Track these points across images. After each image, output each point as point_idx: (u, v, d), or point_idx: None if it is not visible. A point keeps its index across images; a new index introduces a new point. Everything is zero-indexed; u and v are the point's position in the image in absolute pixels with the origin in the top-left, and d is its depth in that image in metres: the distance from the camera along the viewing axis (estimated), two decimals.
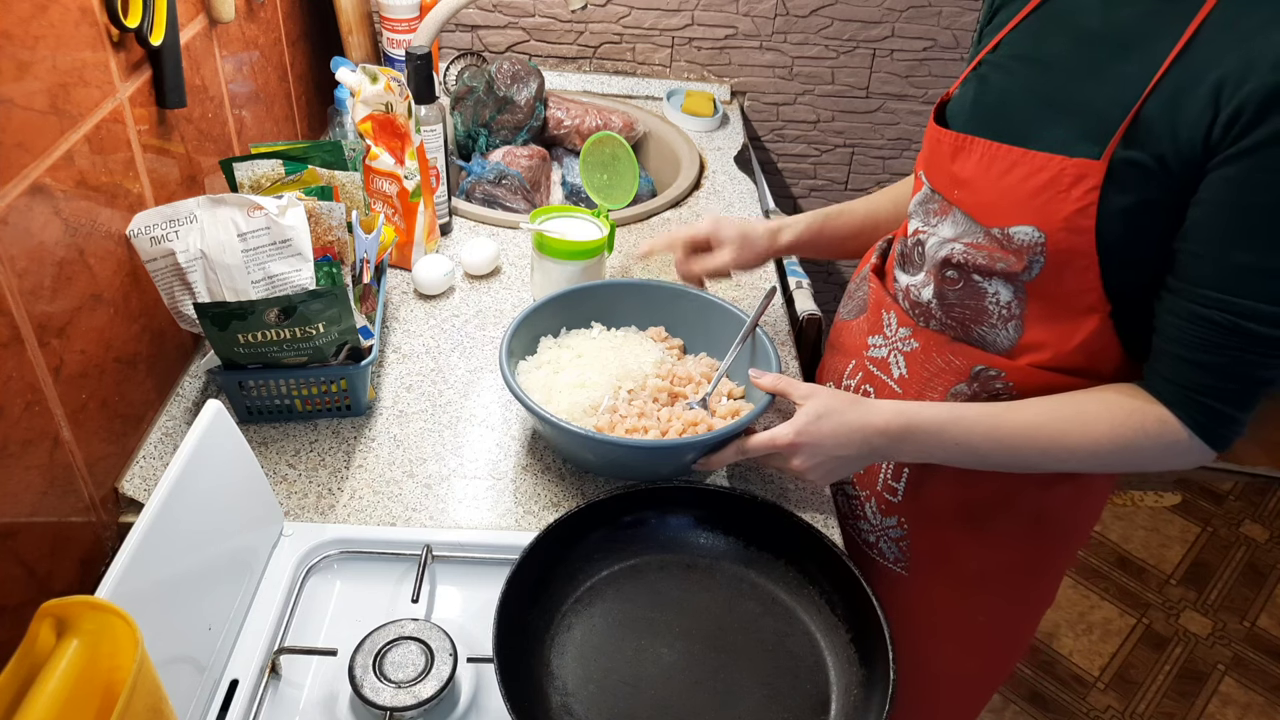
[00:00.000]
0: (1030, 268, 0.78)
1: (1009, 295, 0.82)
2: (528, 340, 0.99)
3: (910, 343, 0.91)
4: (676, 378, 0.97)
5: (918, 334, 0.90)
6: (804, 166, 1.87)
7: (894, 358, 0.93)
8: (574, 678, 0.75)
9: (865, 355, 0.97)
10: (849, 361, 1.00)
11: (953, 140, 0.83)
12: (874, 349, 0.96)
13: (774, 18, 1.67)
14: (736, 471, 0.96)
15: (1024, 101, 0.80)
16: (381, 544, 0.85)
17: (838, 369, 1.02)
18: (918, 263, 0.90)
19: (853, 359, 0.99)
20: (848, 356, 1.00)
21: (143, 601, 0.63)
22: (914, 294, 0.91)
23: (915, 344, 0.90)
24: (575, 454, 0.93)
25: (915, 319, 0.91)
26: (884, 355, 0.94)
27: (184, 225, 0.87)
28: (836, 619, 0.79)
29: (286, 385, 0.94)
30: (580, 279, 1.10)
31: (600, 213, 1.15)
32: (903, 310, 0.92)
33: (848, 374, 1.00)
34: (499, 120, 1.49)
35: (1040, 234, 0.76)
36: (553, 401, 0.92)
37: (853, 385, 0.99)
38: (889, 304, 0.94)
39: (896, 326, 0.93)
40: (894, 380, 0.93)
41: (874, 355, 0.96)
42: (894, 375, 0.93)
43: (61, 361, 0.77)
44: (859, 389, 0.98)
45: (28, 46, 0.71)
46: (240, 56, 1.13)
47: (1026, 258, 0.78)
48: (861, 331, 0.98)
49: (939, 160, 0.86)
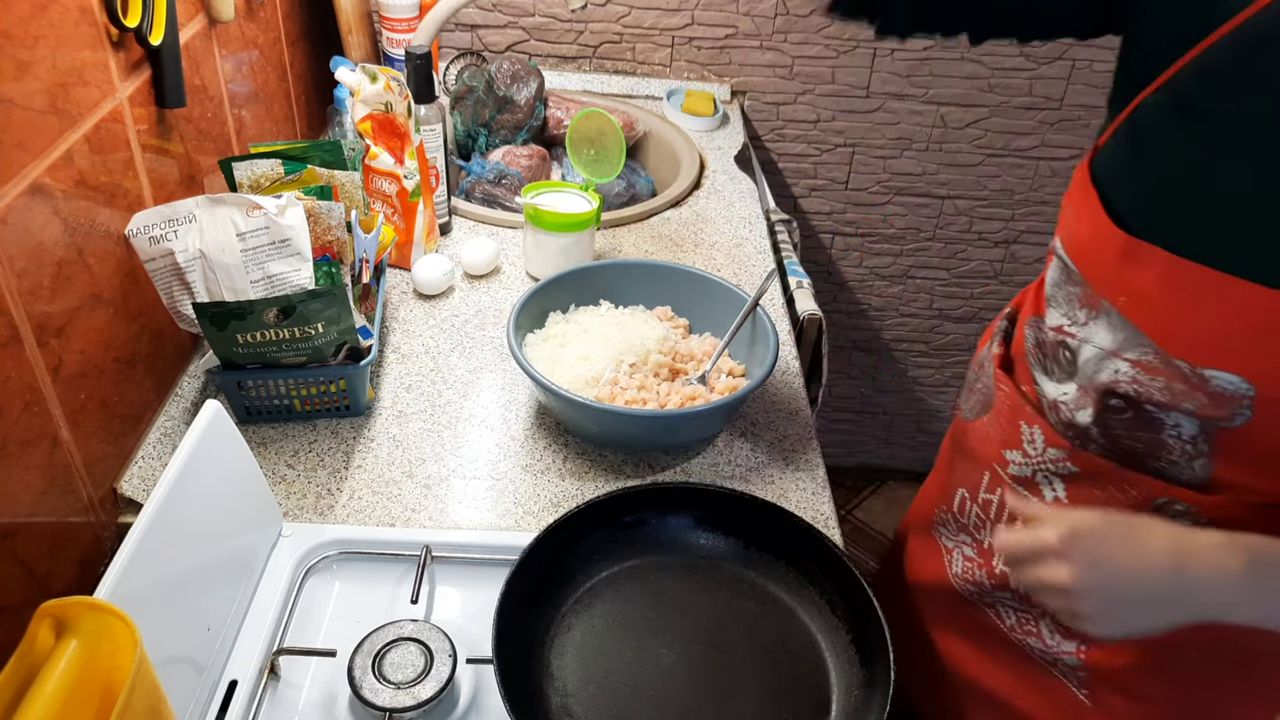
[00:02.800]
0: (1232, 417, 0.61)
1: (1194, 430, 0.64)
2: (536, 315, 1.02)
3: (1066, 466, 0.72)
4: (679, 354, 1.01)
5: (1076, 458, 0.71)
6: (804, 166, 1.87)
7: (1045, 480, 0.75)
8: (574, 678, 0.75)
9: (1004, 471, 0.79)
10: (983, 473, 0.82)
11: (1121, 242, 0.62)
12: (1014, 465, 0.78)
13: (774, 17, 1.67)
14: (737, 472, 0.96)
15: (1226, 192, 0.57)
16: (381, 544, 0.85)
17: (971, 478, 0.84)
18: (1066, 369, 0.71)
19: (987, 471, 0.82)
20: (980, 466, 0.83)
21: (142, 602, 0.63)
22: (1065, 411, 0.72)
23: (1074, 468, 0.72)
24: (578, 424, 0.96)
25: (1070, 440, 0.72)
26: (1029, 475, 0.76)
27: (183, 225, 0.87)
28: (836, 619, 0.79)
29: (285, 385, 0.93)
30: (571, 249, 1.16)
31: (588, 187, 1.20)
32: (1051, 427, 0.73)
33: (984, 487, 0.82)
34: (499, 120, 1.49)
35: (1249, 386, 0.58)
36: (556, 373, 0.95)
37: (994, 501, 0.81)
38: (1030, 415, 0.75)
39: (1044, 446, 0.74)
40: (1048, 504, 0.74)
41: (1016, 474, 0.78)
42: (1047, 499, 0.75)
43: (60, 361, 0.77)
44: (1003, 508, 0.80)
45: (27, 46, 0.71)
46: (240, 56, 1.13)
47: (1228, 408, 0.60)
48: (993, 440, 0.80)
49: (1098, 252, 0.65)
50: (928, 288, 2.05)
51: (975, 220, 1.95)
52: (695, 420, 0.91)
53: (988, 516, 0.84)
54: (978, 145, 1.84)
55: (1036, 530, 0.61)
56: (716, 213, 1.40)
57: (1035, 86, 1.76)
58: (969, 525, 0.87)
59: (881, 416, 2.27)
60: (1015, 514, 0.67)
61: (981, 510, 0.85)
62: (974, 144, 1.84)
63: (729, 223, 1.37)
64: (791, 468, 0.96)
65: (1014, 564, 0.64)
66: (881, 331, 2.13)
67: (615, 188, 1.47)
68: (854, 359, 2.17)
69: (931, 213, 1.94)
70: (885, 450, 2.34)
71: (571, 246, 1.16)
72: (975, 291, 2.06)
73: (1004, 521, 0.80)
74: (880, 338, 2.14)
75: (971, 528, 0.87)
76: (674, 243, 1.32)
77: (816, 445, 0.99)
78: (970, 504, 0.86)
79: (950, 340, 2.14)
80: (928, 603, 0.96)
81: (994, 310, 2.09)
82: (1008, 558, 0.64)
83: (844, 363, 2.17)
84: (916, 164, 1.87)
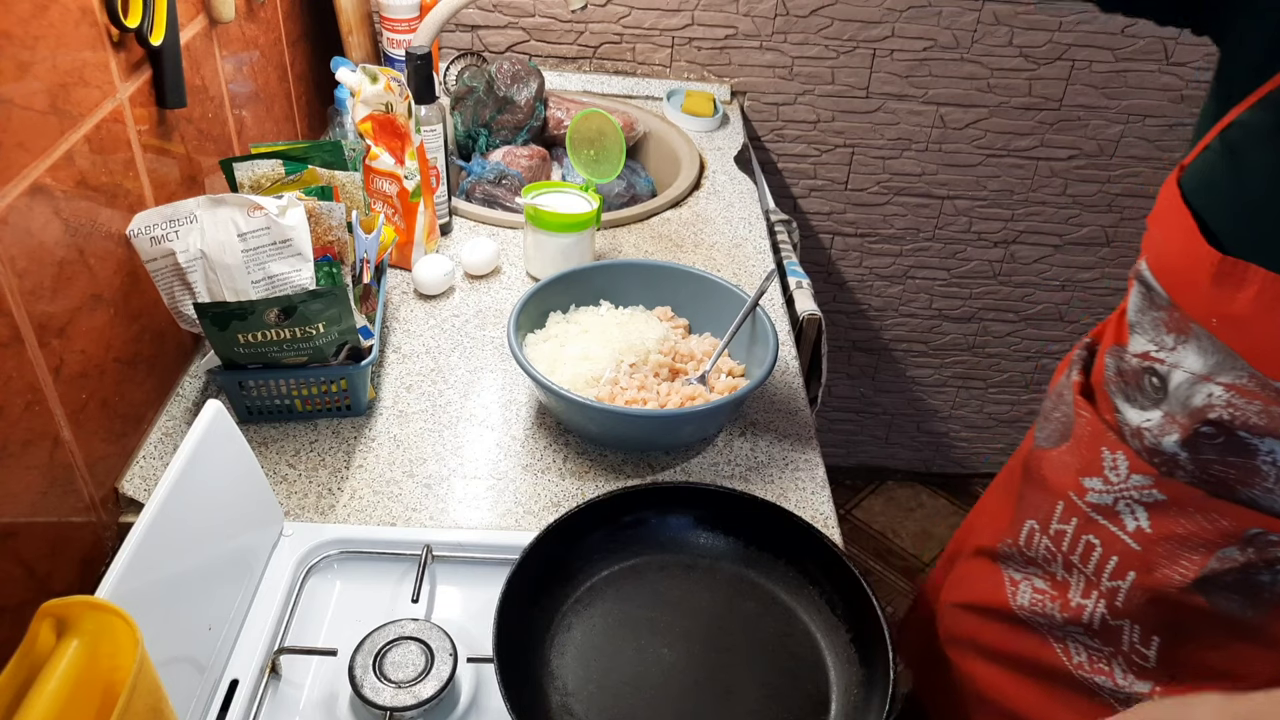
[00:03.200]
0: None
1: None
2: (536, 315, 1.03)
3: (1152, 494, 0.70)
4: (679, 354, 1.01)
5: (1162, 485, 0.70)
6: (804, 166, 1.87)
7: (1127, 508, 0.73)
8: (574, 678, 0.75)
9: (1082, 500, 0.77)
10: (1056, 503, 0.80)
11: (1215, 261, 0.61)
12: (1094, 494, 0.76)
13: (774, 18, 1.67)
14: (737, 471, 0.96)
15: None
16: (381, 544, 0.85)
17: (1043, 509, 0.82)
18: (1152, 396, 0.69)
19: (1061, 500, 0.80)
20: (1054, 495, 0.81)
21: (143, 601, 0.63)
22: (1149, 438, 0.70)
23: (1160, 496, 0.70)
24: (578, 424, 0.96)
25: (1156, 467, 0.70)
26: (1110, 504, 0.74)
27: (184, 225, 0.87)
28: (836, 619, 0.79)
29: (286, 385, 0.94)
30: (571, 250, 1.17)
31: (588, 187, 1.20)
32: (1135, 454, 0.71)
33: (1058, 518, 0.80)
34: (499, 120, 1.49)
35: None
36: (557, 372, 0.96)
37: (1068, 532, 0.79)
38: (1112, 442, 0.73)
39: (1127, 473, 0.72)
40: (1129, 534, 0.73)
41: (1095, 502, 0.76)
42: (1128, 528, 0.73)
43: (61, 361, 0.77)
44: (1077, 539, 0.78)
45: (28, 46, 0.71)
46: (240, 56, 1.13)
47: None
48: (1070, 468, 0.78)
49: (1189, 272, 0.63)
50: (927, 288, 2.05)
51: (975, 220, 1.95)
52: (695, 420, 0.91)
53: (1059, 549, 0.81)
54: (977, 145, 1.84)
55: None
56: (716, 213, 1.40)
57: (1034, 87, 1.76)
58: (1037, 559, 0.84)
59: (881, 416, 2.28)
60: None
61: (1052, 542, 0.82)
62: (973, 144, 1.84)
63: (729, 223, 1.38)
64: (791, 467, 0.96)
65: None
66: (881, 331, 2.13)
67: (615, 188, 1.48)
68: (854, 359, 2.17)
69: (931, 213, 1.94)
70: (885, 450, 2.34)
71: (571, 247, 1.17)
72: (974, 291, 2.06)
73: (1077, 554, 0.77)
74: (880, 338, 2.14)
75: (1040, 560, 0.84)
76: (674, 243, 1.32)
77: (816, 445, 1.00)
78: (1040, 536, 0.83)
79: (950, 340, 2.14)
80: (977, 627, 0.93)
81: (993, 310, 2.09)
82: None
83: (844, 363, 2.17)
84: (916, 164, 1.87)
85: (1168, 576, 0.70)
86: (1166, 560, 0.70)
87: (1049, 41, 1.71)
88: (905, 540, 2.26)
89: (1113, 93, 1.77)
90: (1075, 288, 2.06)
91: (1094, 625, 0.79)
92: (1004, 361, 2.18)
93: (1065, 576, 0.81)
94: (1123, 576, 0.74)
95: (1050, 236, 1.98)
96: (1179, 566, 0.69)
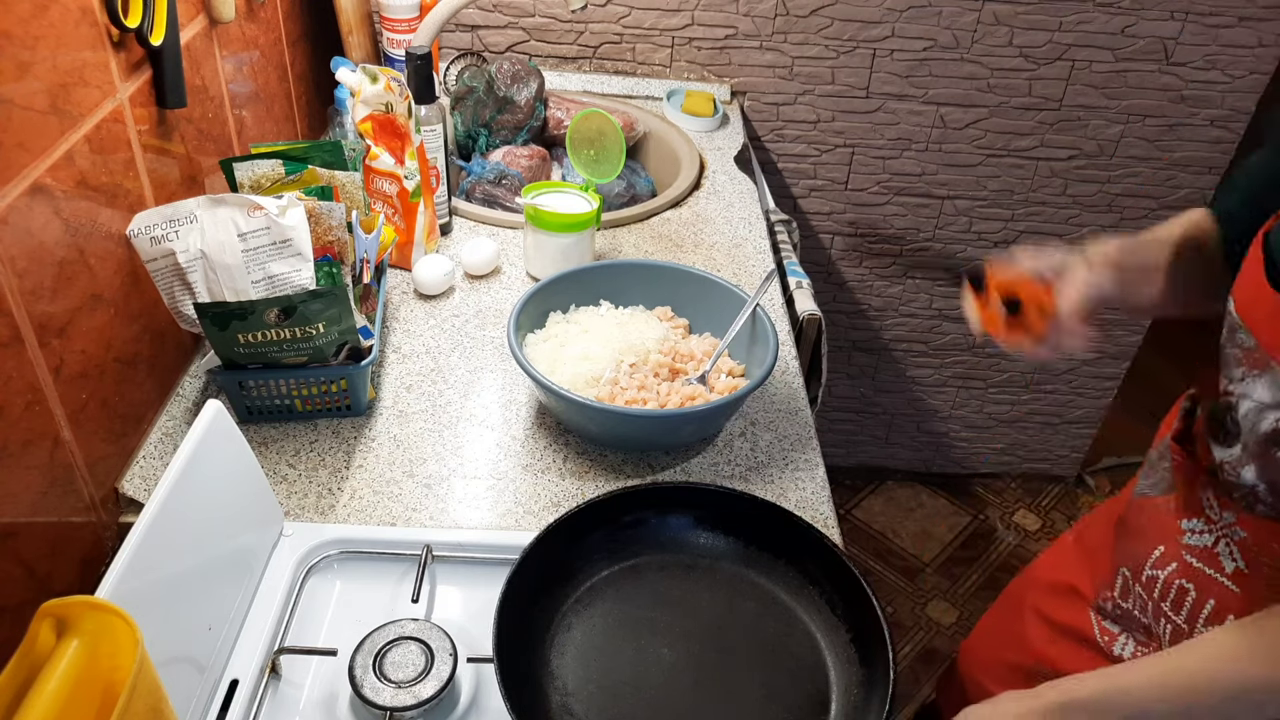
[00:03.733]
0: None
1: None
2: (537, 315, 1.03)
3: (1237, 531, 0.73)
4: (679, 354, 1.01)
5: (1243, 521, 0.72)
6: (804, 166, 1.87)
7: (1225, 548, 0.75)
8: (574, 678, 0.75)
9: (1180, 542, 0.79)
10: (1154, 548, 0.82)
11: (1274, 301, 0.64)
12: (1192, 535, 0.77)
13: (774, 18, 1.67)
14: (737, 472, 0.96)
15: None
16: (381, 544, 0.85)
17: (1137, 556, 0.84)
18: (1232, 431, 0.72)
19: (1159, 545, 0.81)
20: (1151, 542, 0.82)
21: (143, 601, 0.63)
22: (1230, 471, 0.72)
23: (1243, 533, 0.73)
24: (578, 424, 0.96)
25: (1236, 501, 0.73)
26: (1209, 545, 0.76)
27: (184, 225, 0.87)
28: (836, 619, 0.79)
29: (286, 385, 0.94)
30: (571, 250, 1.17)
31: (588, 187, 1.20)
32: (1221, 493, 0.74)
33: (1153, 563, 0.82)
34: (499, 120, 1.49)
35: None
36: (557, 373, 0.96)
37: (1161, 577, 0.80)
38: (1205, 481, 0.76)
39: (1220, 510, 0.75)
40: (1227, 576, 0.74)
41: (1193, 544, 0.77)
42: (1226, 570, 0.74)
43: (62, 361, 0.77)
44: (1169, 585, 0.79)
45: (28, 46, 0.71)
46: (240, 56, 1.13)
47: None
48: (1171, 511, 0.80)
49: (1265, 313, 0.66)
50: (927, 288, 2.05)
51: (975, 220, 1.95)
52: (695, 420, 0.91)
53: (1150, 596, 0.82)
54: (977, 145, 1.84)
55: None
56: (716, 213, 1.40)
57: (1034, 87, 1.76)
58: (1132, 610, 0.85)
59: (881, 416, 2.28)
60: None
61: (1144, 590, 0.82)
62: (973, 144, 1.84)
63: (729, 223, 1.38)
64: (791, 467, 0.96)
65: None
66: (881, 331, 2.13)
67: (615, 188, 1.48)
68: (854, 359, 2.17)
69: (931, 213, 1.94)
70: (885, 450, 2.34)
71: (571, 247, 1.17)
72: None
73: (1169, 600, 0.79)
74: (880, 338, 2.14)
75: (1135, 612, 0.85)
76: (674, 243, 1.32)
77: (816, 445, 1.00)
78: (1133, 584, 0.84)
79: (949, 340, 2.14)
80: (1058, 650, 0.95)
81: None
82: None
83: (844, 363, 2.17)
84: (916, 164, 1.87)
85: None
86: (1264, 600, 0.70)
87: (1049, 41, 1.71)
88: (905, 540, 2.26)
89: (1113, 93, 1.77)
90: None
91: None
92: (1004, 361, 2.18)
93: (1155, 628, 0.80)
94: (1220, 621, 0.75)
95: (1050, 237, 1.98)
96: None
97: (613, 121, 1.20)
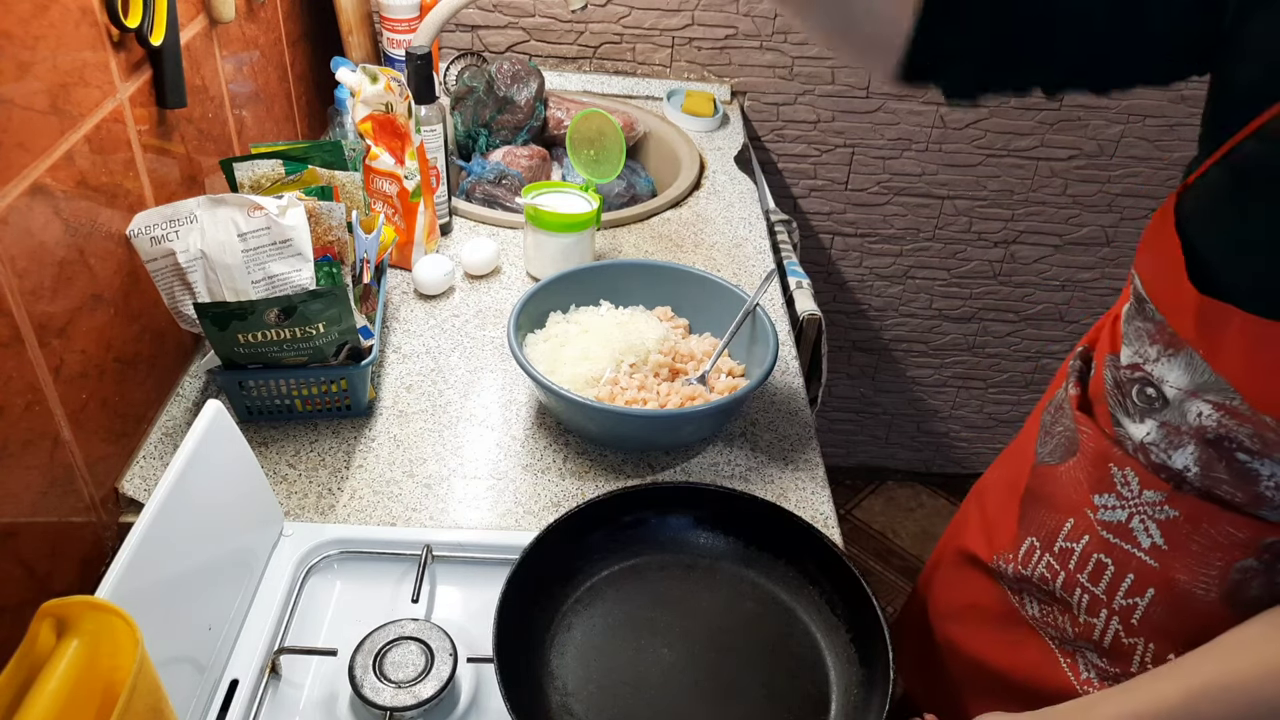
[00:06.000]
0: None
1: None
2: (536, 315, 1.03)
3: (1164, 510, 0.69)
4: (679, 354, 1.01)
5: (1175, 501, 0.68)
6: (804, 166, 1.87)
7: (1141, 524, 0.72)
8: (574, 678, 0.75)
9: (1094, 518, 0.75)
10: (1066, 520, 0.79)
11: (1197, 301, 0.62)
12: (1106, 510, 0.74)
13: (774, 18, 1.67)
14: (737, 472, 0.96)
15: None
16: (381, 544, 0.85)
17: (1048, 526, 0.81)
18: (1144, 410, 0.69)
19: (1071, 517, 0.78)
20: (1062, 513, 0.79)
21: (143, 601, 0.63)
22: (1156, 455, 0.69)
23: (1174, 512, 0.69)
24: (578, 424, 0.96)
25: (1167, 482, 0.69)
26: (1123, 520, 0.73)
27: (184, 225, 0.87)
28: (836, 619, 0.79)
29: (286, 385, 0.94)
30: (571, 250, 1.17)
31: (588, 187, 1.20)
32: (1144, 469, 0.70)
33: (1065, 535, 0.79)
34: (499, 120, 1.49)
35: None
36: (557, 372, 0.96)
37: (1078, 550, 0.77)
38: (1119, 458, 0.72)
39: (1139, 488, 0.71)
40: (1144, 551, 0.72)
41: (1107, 520, 0.74)
42: (1143, 545, 0.72)
43: (62, 361, 0.77)
44: (1086, 558, 0.77)
45: (28, 46, 0.71)
46: (240, 56, 1.13)
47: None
48: (1079, 485, 0.77)
49: (1175, 301, 0.63)
50: (927, 288, 2.05)
51: (975, 220, 1.95)
52: (695, 420, 0.91)
53: (1063, 567, 0.80)
54: (977, 145, 1.84)
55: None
56: (716, 213, 1.40)
57: None
58: (1033, 577, 0.83)
59: (881, 416, 2.28)
60: None
61: (1056, 560, 0.80)
62: (973, 144, 1.84)
63: (729, 223, 1.38)
64: (791, 467, 0.96)
65: None
66: (881, 331, 2.13)
67: (615, 188, 1.48)
68: (854, 359, 2.17)
69: (931, 213, 1.94)
70: (885, 450, 2.34)
71: (571, 247, 1.17)
72: (975, 291, 2.06)
73: (1086, 573, 0.77)
74: (880, 338, 2.14)
75: (1037, 580, 0.83)
76: (674, 243, 1.32)
77: (816, 445, 1.00)
78: (1041, 554, 0.82)
79: (950, 340, 2.14)
80: (975, 634, 0.92)
81: (993, 310, 2.09)
82: None
83: (844, 363, 2.17)
84: (916, 164, 1.87)
85: (1189, 592, 0.70)
86: (1186, 576, 0.69)
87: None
88: (905, 540, 2.26)
89: None
90: (1075, 288, 2.06)
91: (1104, 644, 0.78)
92: (1004, 361, 2.18)
93: (1064, 595, 0.80)
94: (1140, 594, 0.73)
95: (1050, 236, 1.98)
96: (1199, 582, 0.68)
97: (613, 121, 1.20)
